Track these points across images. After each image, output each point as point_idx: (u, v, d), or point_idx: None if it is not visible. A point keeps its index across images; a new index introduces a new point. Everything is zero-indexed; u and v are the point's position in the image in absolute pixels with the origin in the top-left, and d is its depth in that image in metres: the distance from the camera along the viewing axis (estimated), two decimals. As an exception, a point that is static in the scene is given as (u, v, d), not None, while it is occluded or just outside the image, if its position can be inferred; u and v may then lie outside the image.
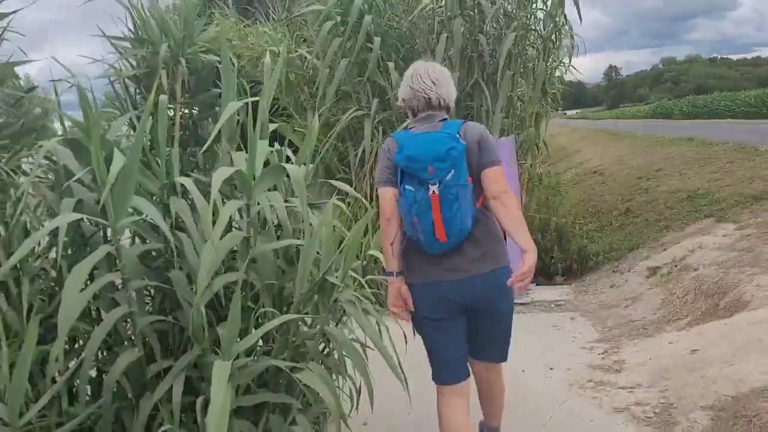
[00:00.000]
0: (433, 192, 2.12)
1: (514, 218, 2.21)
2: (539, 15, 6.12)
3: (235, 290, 2.05)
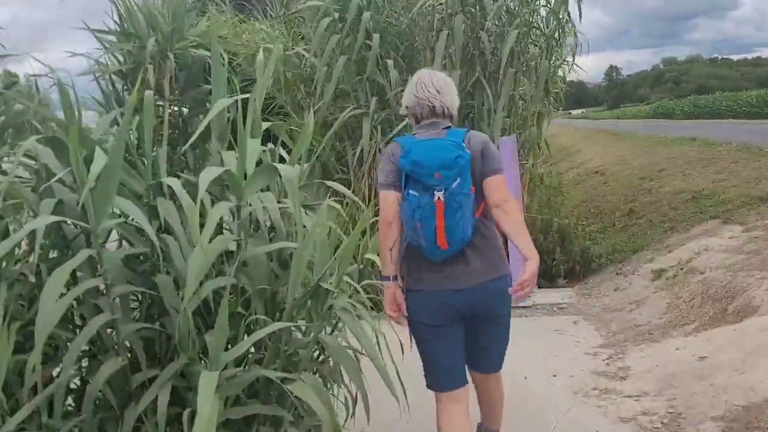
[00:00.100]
0: (439, 198, 2.13)
1: (516, 225, 2.23)
2: (542, 12, 6.00)
3: (223, 296, 1.95)
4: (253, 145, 2.46)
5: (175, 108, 2.92)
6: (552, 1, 5.85)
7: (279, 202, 2.48)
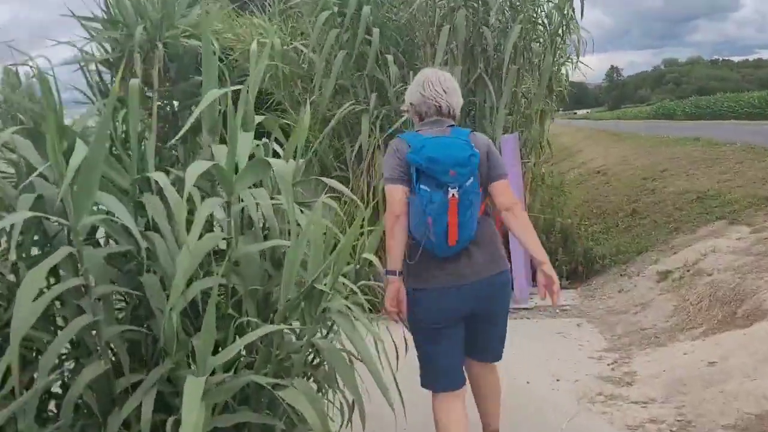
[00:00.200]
0: (453, 195, 2.15)
1: (526, 229, 2.31)
2: (546, 8, 5.85)
3: (210, 297, 1.84)
4: (245, 139, 2.36)
5: (165, 101, 2.81)
6: (556, -3, 5.72)
7: (272, 199, 2.37)
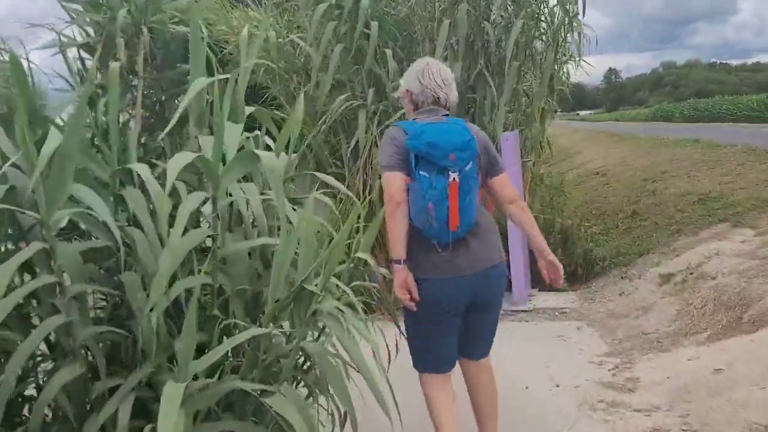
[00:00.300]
0: (454, 179, 2.15)
1: (532, 221, 2.40)
2: (550, 3, 5.70)
3: (191, 299, 1.72)
4: (234, 130, 2.23)
5: (152, 90, 2.68)
6: (560, -9, 5.59)
7: (262, 195, 2.25)
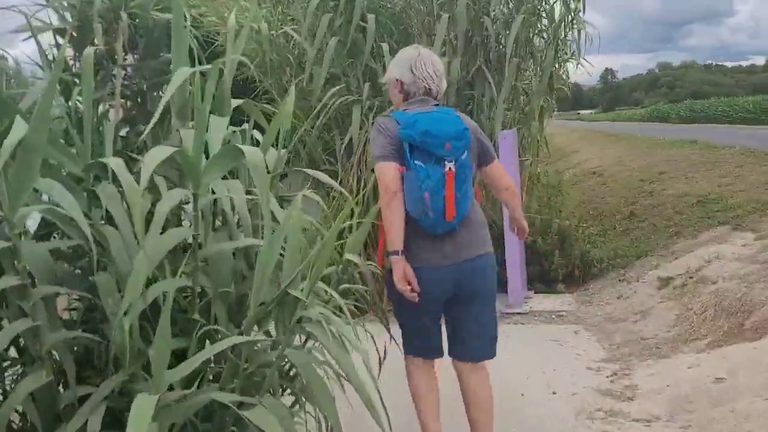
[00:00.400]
0: (450, 169, 2.14)
1: (518, 200, 2.56)
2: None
3: (165, 304, 1.59)
4: (219, 123, 2.10)
5: (134, 80, 2.55)
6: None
7: (249, 193, 2.13)
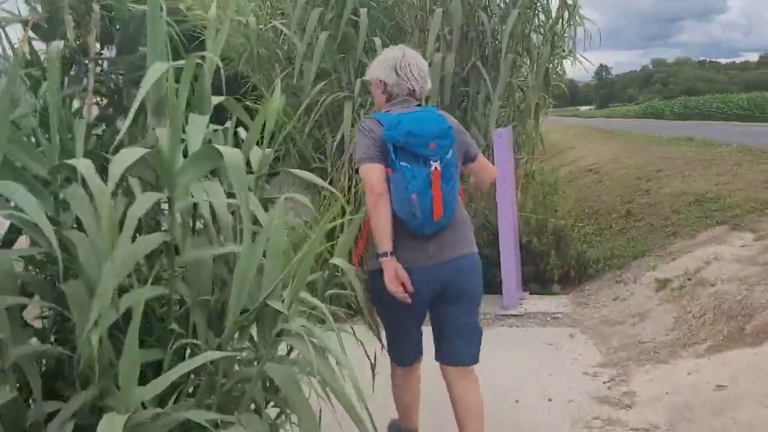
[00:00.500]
0: (435, 168, 2.13)
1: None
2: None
3: (134, 317, 1.47)
4: (199, 122, 1.99)
5: (111, 75, 2.42)
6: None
7: (232, 194, 2.01)
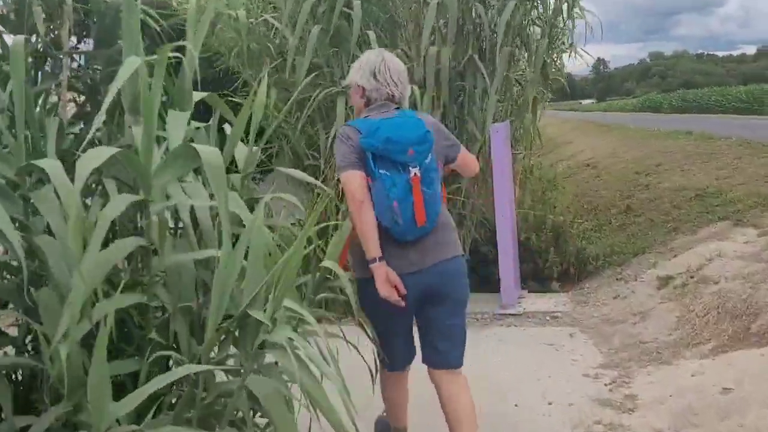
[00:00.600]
0: (415, 174, 2.13)
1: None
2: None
3: (100, 330, 1.37)
4: (179, 119, 1.88)
5: (89, 70, 2.32)
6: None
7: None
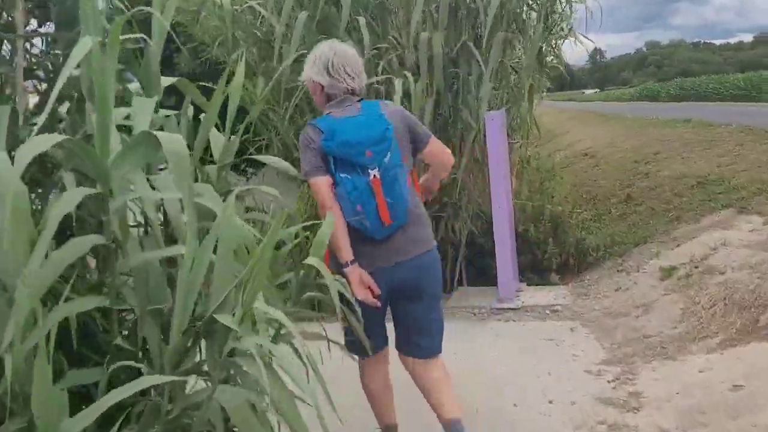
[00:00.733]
0: (374, 176, 2.13)
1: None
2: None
3: (39, 343, 1.22)
4: (144, 106, 1.72)
5: (51, 53, 2.16)
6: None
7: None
